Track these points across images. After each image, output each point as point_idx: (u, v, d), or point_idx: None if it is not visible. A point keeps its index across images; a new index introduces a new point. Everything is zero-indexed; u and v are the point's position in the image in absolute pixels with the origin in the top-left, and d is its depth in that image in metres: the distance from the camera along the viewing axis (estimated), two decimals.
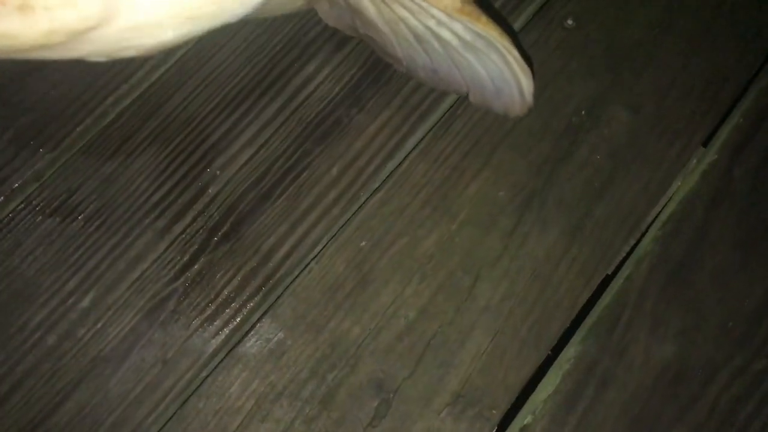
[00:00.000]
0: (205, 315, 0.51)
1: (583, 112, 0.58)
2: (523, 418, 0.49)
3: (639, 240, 0.54)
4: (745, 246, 0.54)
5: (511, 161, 0.56)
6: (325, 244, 0.53)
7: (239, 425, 0.49)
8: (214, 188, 0.54)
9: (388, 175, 0.55)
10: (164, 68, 0.58)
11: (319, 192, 0.55)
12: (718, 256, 0.53)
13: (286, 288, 0.52)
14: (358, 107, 0.57)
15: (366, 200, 0.55)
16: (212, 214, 0.54)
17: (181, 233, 0.53)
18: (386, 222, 0.54)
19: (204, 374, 0.50)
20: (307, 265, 0.53)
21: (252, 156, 0.55)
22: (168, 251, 0.52)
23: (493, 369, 0.50)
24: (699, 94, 0.59)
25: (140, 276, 0.52)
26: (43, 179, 0.54)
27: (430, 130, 0.57)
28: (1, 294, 0.51)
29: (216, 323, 0.51)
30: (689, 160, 0.57)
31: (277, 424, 0.49)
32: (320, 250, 0.53)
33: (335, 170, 0.55)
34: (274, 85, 0.57)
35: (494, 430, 0.49)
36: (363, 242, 0.53)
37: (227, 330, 0.51)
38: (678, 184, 0.56)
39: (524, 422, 0.49)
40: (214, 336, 0.51)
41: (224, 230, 0.53)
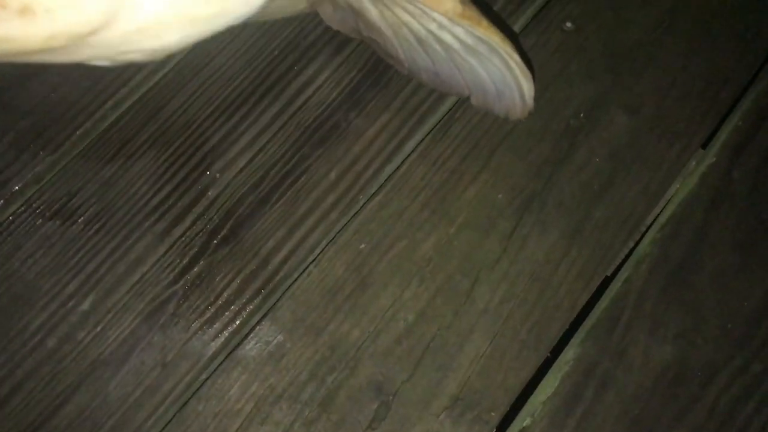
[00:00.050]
0: (205, 318, 0.51)
1: (582, 115, 0.58)
2: (522, 421, 0.49)
3: (638, 242, 0.54)
4: (745, 247, 0.54)
5: (510, 164, 0.56)
6: (324, 248, 0.53)
7: (239, 428, 0.49)
8: (214, 191, 0.54)
9: (387, 179, 0.55)
10: (163, 72, 0.58)
11: (318, 196, 0.55)
12: (718, 258, 0.53)
13: (286, 291, 0.52)
14: (357, 111, 0.57)
15: (364, 204, 0.55)
16: (212, 218, 0.54)
17: (181, 236, 0.53)
18: (385, 225, 0.54)
19: (203, 377, 0.50)
20: (306, 268, 0.53)
21: (251, 159, 0.55)
22: (167, 254, 0.53)
23: (492, 371, 0.50)
24: (698, 96, 0.59)
25: (140, 279, 0.52)
26: (43, 182, 0.54)
27: (429, 134, 0.57)
28: (1, 297, 0.51)
29: (215, 326, 0.51)
30: (688, 162, 0.57)
31: (277, 427, 0.49)
32: (319, 254, 0.53)
33: (334, 174, 0.55)
34: (273, 89, 0.58)
35: None
36: (362, 245, 0.53)
37: (227, 333, 0.51)
38: (677, 186, 0.56)
39: (523, 424, 0.49)
40: (214, 339, 0.51)
41: (223, 233, 0.53)
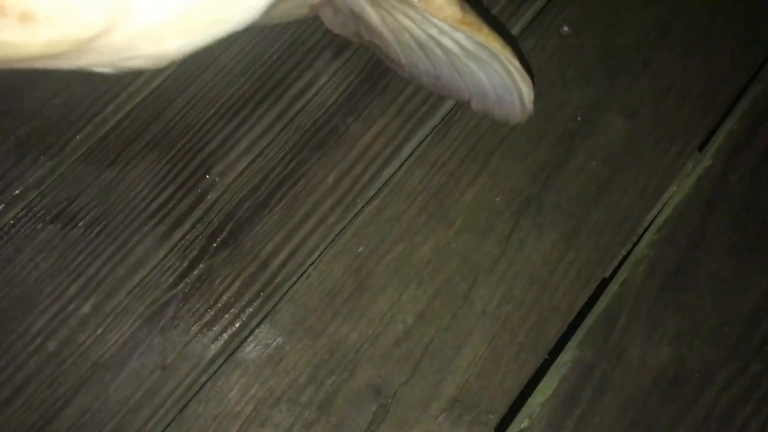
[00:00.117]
0: (204, 321, 0.52)
1: (580, 118, 0.58)
2: (521, 422, 0.49)
3: (635, 244, 0.55)
4: (741, 250, 0.54)
5: (508, 167, 0.56)
6: (323, 251, 0.54)
7: (238, 430, 0.49)
8: (213, 195, 0.55)
9: (385, 183, 0.56)
10: (163, 77, 0.58)
11: (316, 199, 0.55)
12: (714, 260, 0.54)
13: (285, 294, 0.53)
14: (355, 115, 0.58)
15: (363, 207, 0.55)
16: (211, 221, 0.54)
17: (181, 239, 0.53)
18: (383, 229, 0.54)
19: (203, 379, 0.50)
20: (305, 272, 0.53)
21: (250, 163, 0.56)
22: (167, 257, 0.53)
23: (491, 373, 0.51)
24: (695, 99, 0.59)
25: (140, 282, 0.52)
26: (44, 186, 0.54)
27: (427, 138, 0.57)
28: (2, 300, 0.51)
29: (215, 329, 0.51)
30: (685, 165, 0.57)
31: (276, 429, 0.49)
32: (318, 257, 0.54)
33: (332, 178, 0.56)
34: (272, 93, 0.58)
35: None
36: (360, 248, 0.54)
37: (226, 335, 0.51)
38: (674, 189, 0.56)
39: (521, 426, 0.49)
40: (213, 341, 0.51)
41: (223, 237, 0.54)
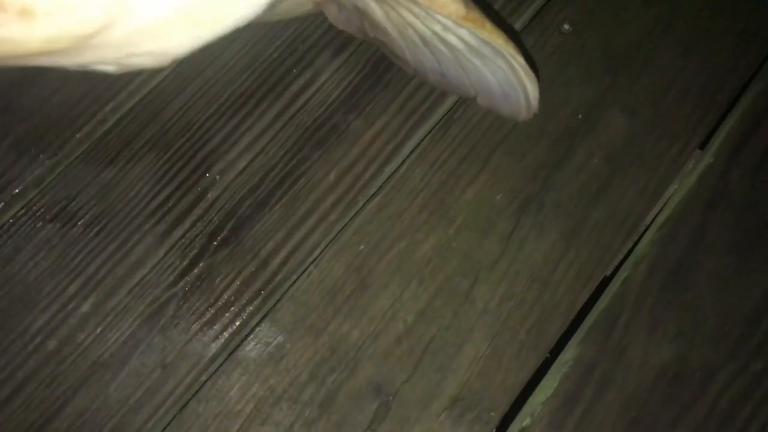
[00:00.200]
0: (205, 319, 0.51)
1: (580, 116, 0.58)
2: (522, 421, 0.49)
3: (636, 243, 0.54)
4: (743, 248, 0.54)
5: (508, 165, 0.56)
6: (324, 248, 0.54)
7: (239, 429, 0.49)
8: (213, 193, 0.55)
9: (386, 180, 0.56)
10: (163, 75, 0.58)
11: (317, 197, 0.55)
12: (716, 259, 0.54)
13: (285, 292, 0.52)
14: (356, 113, 0.57)
15: (364, 205, 0.55)
16: (211, 219, 0.54)
17: (181, 238, 0.53)
18: (384, 226, 0.54)
19: (203, 378, 0.50)
20: (306, 269, 0.53)
21: (251, 161, 0.56)
22: (167, 256, 0.53)
23: (492, 372, 0.50)
24: (696, 97, 0.59)
25: (140, 281, 0.52)
26: (43, 185, 0.54)
27: (427, 135, 0.57)
28: (2, 299, 0.51)
29: (215, 327, 0.51)
30: (686, 163, 0.57)
31: (277, 428, 0.49)
32: (319, 254, 0.53)
33: (333, 175, 0.56)
34: (272, 91, 0.58)
35: None
36: (361, 246, 0.54)
37: (226, 334, 0.51)
38: (675, 187, 0.56)
39: (523, 425, 0.49)
40: (214, 340, 0.51)
41: (223, 235, 0.54)
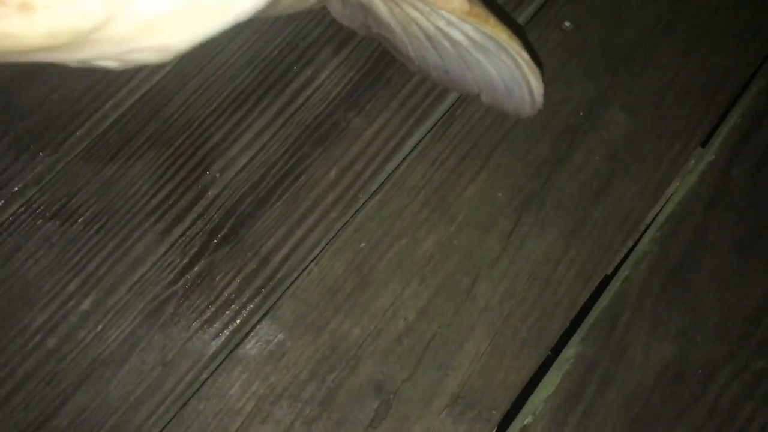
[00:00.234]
0: (205, 317, 0.51)
1: (582, 114, 0.58)
2: (524, 419, 0.49)
3: (638, 241, 0.54)
4: (744, 246, 0.54)
5: (510, 163, 0.56)
6: (324, 246, 0.53)
7: (239, 427, 0.49)
8: (214, 191, 0.54)
9: (387, 178, 0.56)
10: (163, 72, 0.58)
11: (318, 195, 0.55)
12: (717, 256, 0.53)
13: (286, 290, 0.52)
14: (356, 110, 0.57)
15: (364, 202, 0.55)
16: (212, 217, 0.54)
17: (181, 236, 0.53)
18: (385, 224, 0.54)
19: (204, 376, 0.50)
20: (307, 267, 0.53)
21: (251, 159, 0.55)
22: (168, 254, 0.53)
23: (493, 370, 0.50)
24: (697, 95, 0.59)
25: (140, 279, 0.52)
26: (43, 183, 0.54)
27: (428, 133, 0.57)
28: (2, 297, 0.51)
29: (216, 325, 0.51)
30: (688, 161, 0.57)
31: (278, 426, 0.49)
32: (319, 252, 0.53)
33: (333, 173, 0.55)
34: (273, 89, 0.58)
35: (494, 431, 0.49)
36: (362, 244, 0.53)
37: (227, 332, 0.51)
38: (676, 185, 0.56)
39: (524, 423, 0.49)
40: (214, 338, 0.51)
41: (224, 233, 0.53)
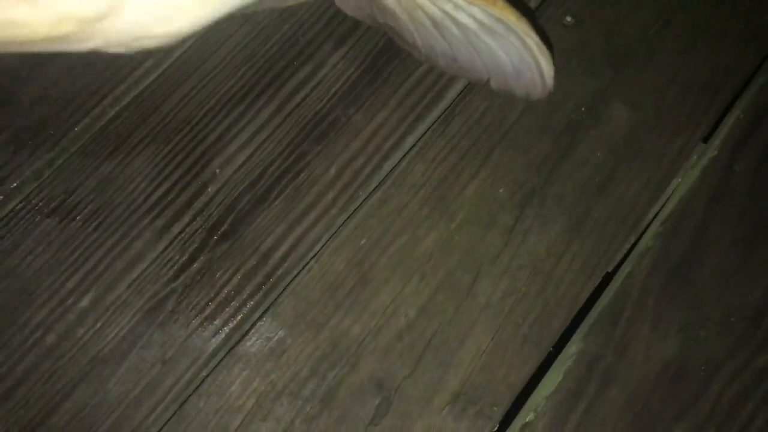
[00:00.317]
0: (205, 314, 0.51)
1: (583, 110, 0.58)
2: (525, 416, 0.49)
3: (640, 237, 0.54)
4: (746, 242, 0.53)
5: (511, 159, 0.56)
6: (325, 243, 0.53)
7: (240, 424, 0.48)
8: (213, 188, 0.54)
9: (387, 175, 0.55)
10: (162, 68, 0.58)
11: (318, 192, 0.55)
12: (719, 253, 0.53)
13: (286, 287, 0.52)
14: (356, 107, 0.57)
15: (364, 200, 0.54)
16: (211, 214, 0.53)
17: (180, 233, 0.53)
18: (385, 221, 0.54)
19: (204, 373, 0.50)
20: (307, 264, 0.53)
21: (250, 156, 0.55)
22: (167, 251, 0.52)
23: (494, 367, 0.50)
24: (699, 90, 0.58)
25: (139, 276, 0.52)
26: (42, 179, 0.54)
27: (428, 130, 0.57)
28: (0, 294, 0.51)
29: (216, 322, 0.51)
30: (690, 156, 0.56)
31: (278, 423, 0.48)
32: (320, 249, 0.53)
33: (333, 170, 0.55)
34: (272, 86, 0.57)
35: (496, 428, 0.49)
36: (362, 241, 0.53)
37: (227, 329, 0.51)
38: (679, 181, 0.56)
39: (526, 420, 0.49)
40: (214, 335, 0.51)
41: (223, 229, 0.53)
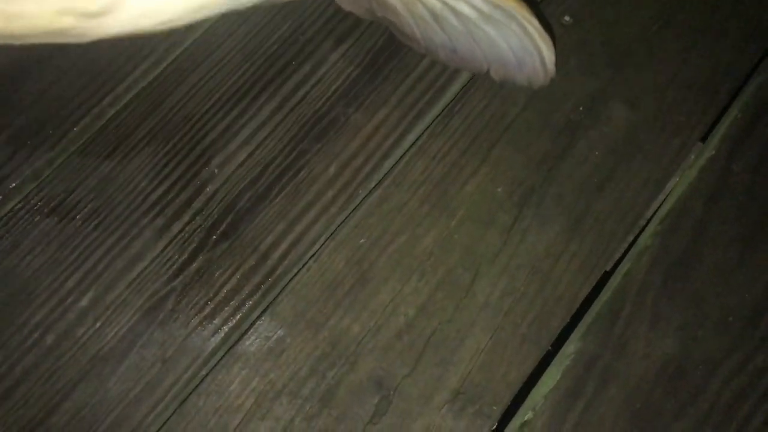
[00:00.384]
0: (204, 313, 0.51)
1: (582, 108, 0.58)
2: (524, 414, 0.49)
3: (638, 235, 0.54)
4: (745, 240, 0.54)
5: (510, 158, 0.56)
6: (324, 242, 0.53)
7: (239, 423, 0.48)
8: (213, 186, 0.54)
9: (386, 173, 0.55)
10: (162, 67, 0.58)
11: (317, 190, 0.55)
12: (718, 251, 0.53)
13: (286, 286, 0.52)
14: (355, 106, 0.57)
15: (364, 198, 0.55)
16: (211, 213, 0.54)
17: (180, 232, 0.53)
18: (385, 220, 0.54)
19: (203, 373, 0.50)
20: (306, 263, 0.53)
21: (250, 154, 0.55)
22: (166, 250, 0.52)
23: (493, 365, 0.50)
24: (698, 90, 0.59)
25: (139, 275, 0.52)
26: (41, 179, 0.54)
27: (428, 128, 0.57)
28: (0, 294, 0.51)
29: (215, 321, 0.51)
30: (688, 156, 0.56)
31: (277, 422, 0.49)
32: (319, 248, 0.53)
33: (333, 169, 0.55)
34: (272, 84, 0.57)
35: (495, 427, 0.49)
36: (362, 240, 0.53)
37: (226, 328, 0.51)
38: (677, 180, 0.56)
39: (525, 418, 0.49)
40: (214, 334, 0.51)
41: (223, 228, 0.53)
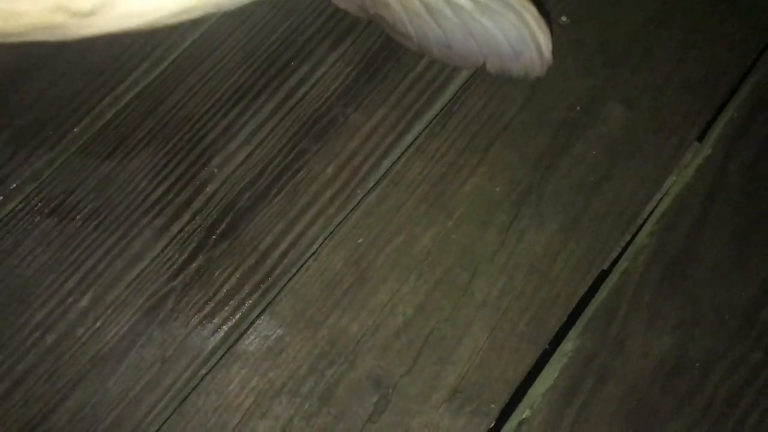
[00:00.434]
0: (204, 313, 0.51)
1: (579, 108, 0.58)
2: (522, 413, 0.49)
3: (635, 234, 0.54)
4: (741, 239, 0.54)
5: (507, 157, 0.56)
6: (323, 242, 0.54)
7: (239, 422, 0.49)
8: (212, 186, 0.54)
9: (385, 173, 0.56)
10: (161, 67, 0.58)
11: (316, 190, 0.55)
12: (714, 250, 0.54)
13: (285, 285, 0.52)
14: (354, 106, 0.57)
15: (362, 198, 0.55)
16: (210, 212, 0.54)
17: (180, 231, 0.53)
18: (383, 219, 0.54)
19: (203, 372, 0.50)
20: (305, 263, 0.53)
21: (249, 154, 0.55)
22: (166, 250, 0.53)
23: (491, 364, 0.51)
24: (695, 89, 0.59)
25: (139, 275, 0.52)
26: (41, 179, 0.54)
27: (426, 128, 0.57)
28: (0, 294, 0.51)
29: (215, 321, 0.51)
30: (685, 155, 0.57)
31: (277, 421, 0.49)
32: (318, 248, 0.53)
33: (331, 168, 0.56)
34: (271, 84, 0.58)
35: (492, 425, 0.49)
36: (360, 239, 0.53)
37: (226, 327, 0.51)
38: (673, 179, 0.56)
39: (522, 416, 0.49)
40: (213, 333, 0.51)
41: (222, 228, 0.53)
